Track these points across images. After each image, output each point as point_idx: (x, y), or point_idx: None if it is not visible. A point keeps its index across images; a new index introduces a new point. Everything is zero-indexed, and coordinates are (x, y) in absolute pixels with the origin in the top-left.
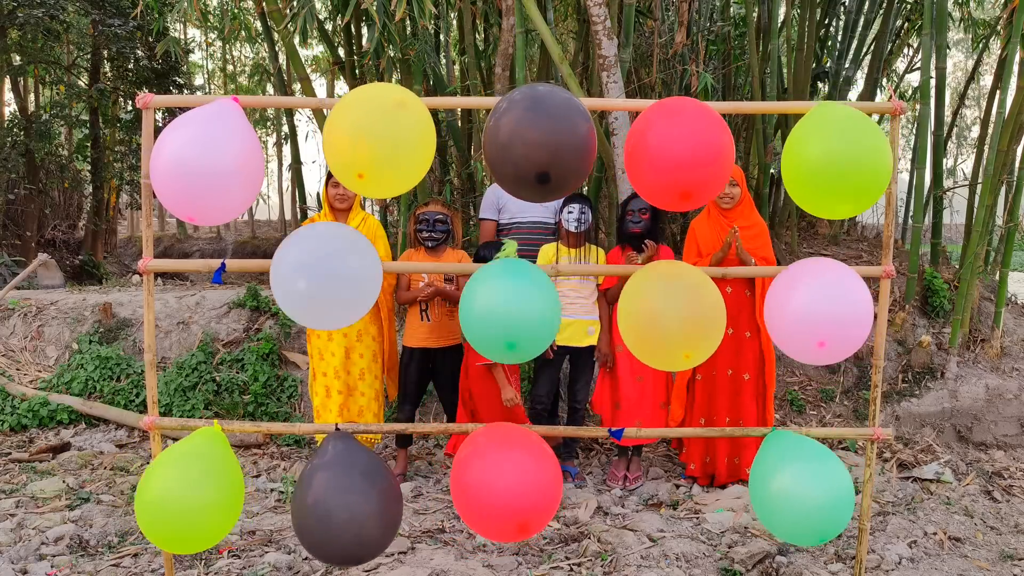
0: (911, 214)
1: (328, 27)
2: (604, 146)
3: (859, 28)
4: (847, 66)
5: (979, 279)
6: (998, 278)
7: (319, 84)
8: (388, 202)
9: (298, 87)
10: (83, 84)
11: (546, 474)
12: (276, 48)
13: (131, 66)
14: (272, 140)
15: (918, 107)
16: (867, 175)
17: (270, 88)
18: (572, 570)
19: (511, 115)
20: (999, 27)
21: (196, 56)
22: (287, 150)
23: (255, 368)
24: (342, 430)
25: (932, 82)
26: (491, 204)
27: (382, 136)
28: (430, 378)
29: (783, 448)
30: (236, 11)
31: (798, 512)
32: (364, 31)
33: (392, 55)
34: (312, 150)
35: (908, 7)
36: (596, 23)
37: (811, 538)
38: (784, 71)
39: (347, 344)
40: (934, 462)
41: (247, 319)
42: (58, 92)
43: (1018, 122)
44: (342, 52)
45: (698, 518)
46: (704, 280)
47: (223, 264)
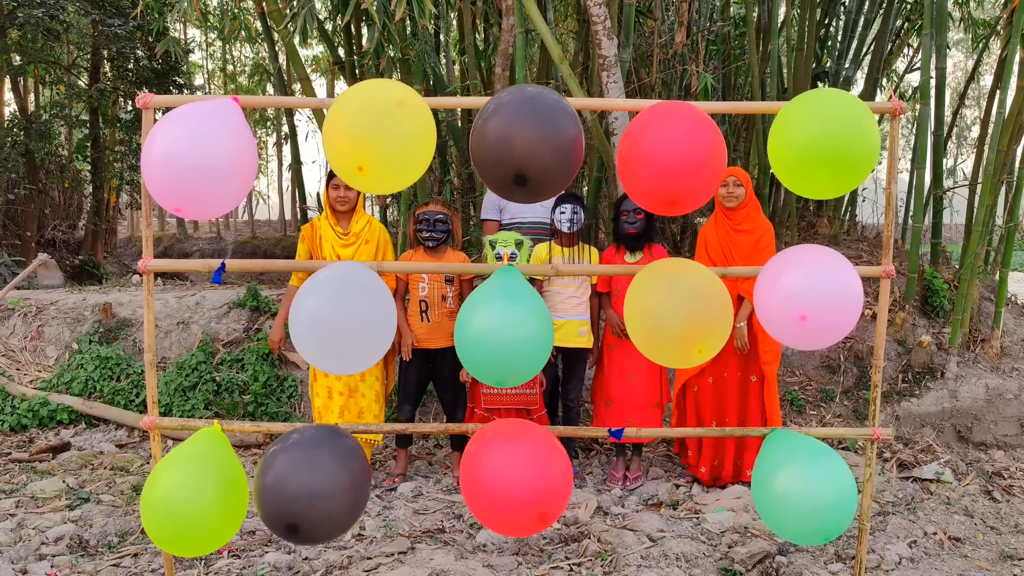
0: (911, 214)
1: (328, 27)
2: (604, 146)
3: (859, 28)
4: (847, 66)
5: (979, 279)
6: (998, 278)
7: (319, 84)
8: (388, 201)
9: (298, 87)
10: (83, 84)
11: (559, 463)
12: (276, 48)
13: (131, 66)
14: (272, 140)
15: (918, 107)
16: (855, 150)
17: (270, 88)
18: (572, 570)
19: (495, 116)
20: (999, 27)
21: (196, 56)
22: (287, 150)
23: (255, 368)
24: (342, 430)
25: (932, 82)
26: (493, 204)
27: (383, 129)
28: (430, 379)
29: (785, 447)
30: (236, 11)
31: (801, 511)
32: (364, 31)
33: (392, 55)
34: (312, 150)
35: (908, 7)
36: (596, 23)
37: (815, 537)
38: (784, 71)
39: None
40: (934, 462)
41: (247, 319)
42: (58, 92)
43: (1018, 122)
44: (342, 52)
45: (698, 518)
46: (708, 274)
47: (223, 264)
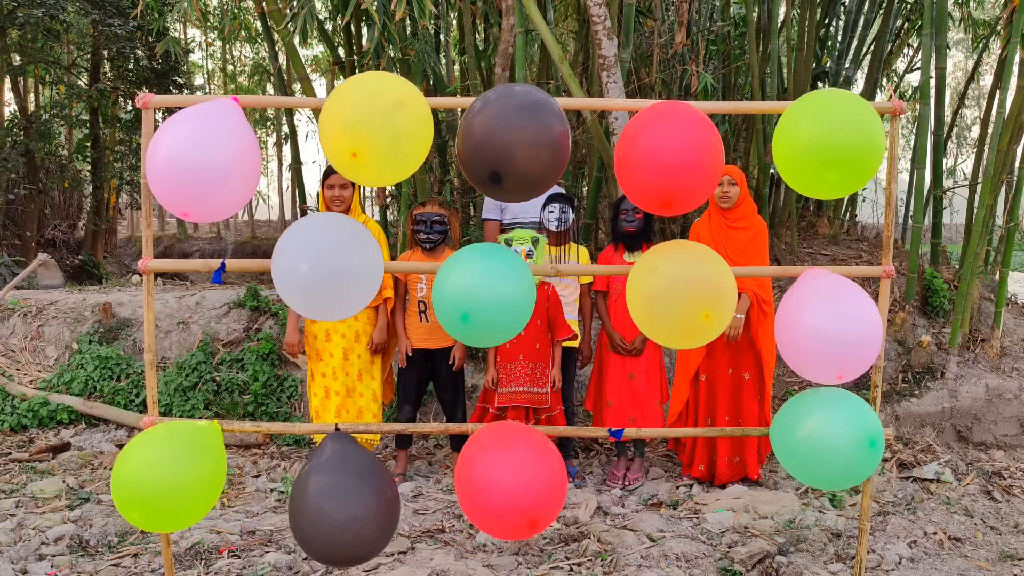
0: (911, 214)
1: (328, 27)
2: (604, 146)
3: (859, 28)
4: (847, 66)
5: (979, 279)
6: (998, 278)
7: (319, 84)
8: (388, 202)
9: (298, 87)
10: (83, 84)
11: (552, 469)
12: (276, 48)
13: (131, 66)
14: (272, 140)
15: (918, 107)
16: (860, 149)
17: (270, 88)
18: (572, 570)
19: (479, 115)
20: (999, 27)
21: (196, 56)
22: (287, 150)
23: (255, 368)
24: (342, 430)
25: (932, 82)
26: (494, 204)
27: (378, 115)
28: (429, 379)
29: (810, 397)
30: (236, 11)
31: (827, 455)
32: (364, 31)
33: (392, 55)
34: (312, 150)
35: (908, 7)
36: (596, 23)
37: (841, 481)
38: (784, 71)
39: (345, 345)
40: (934, 462)
41: (247, 319)
42: (58, 92)
43: (1018, 122)
44: (342, 52)
45: (698, 518)
46: (705, 248)
47: (223, 264)
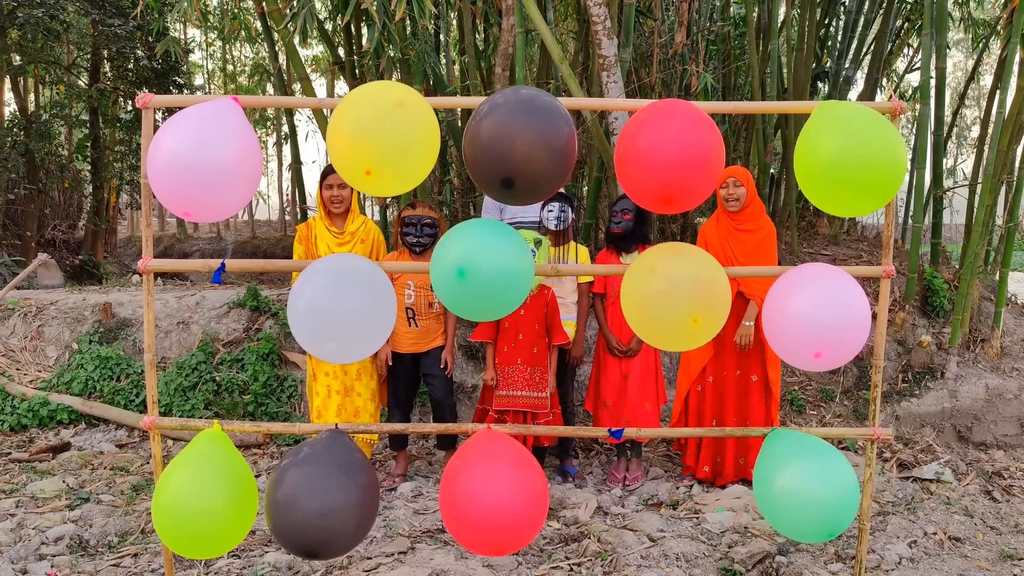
0: (911, 214)
1: (328, 27)
2: (604, 146)
3: (859, 28)
4: (847, 66)
5: (979, 279)
6: (998, 278)
7: (319, 84)
8: (388, 202)
9: (298, 87)
10: (83, 84)
11: (532, 487)
12: (276, 48)
13: (131, 66)
14: (272, 140)
15: (918, 107)
16: (883, 169)
17: (270, 88)
18: (572, 570)
19: (487, 119)
20: (999, 27)
21: (196, 56)
22: (287, 150)
23: (255, 368)
24: (341, 429)
25: (932, 82)
26: (493, 204)
27: (388, 131)
28: (419, 383)
29: (786, 446)
30: (236, 11)
31: (803, 509)
32: (364, 31)
33: (392, 55)
34: (312, 150)
35: (908, 7)
36: (596, 23)
37: (818, 535)
38: (784, 71)
39: None
40: (934, 462)
41: (247, 319)
42: (58, 92)
43: (1018, 122)
44: (342, 52)
45: (698, 518)
46: (701, 251)
47: (223, 264)
